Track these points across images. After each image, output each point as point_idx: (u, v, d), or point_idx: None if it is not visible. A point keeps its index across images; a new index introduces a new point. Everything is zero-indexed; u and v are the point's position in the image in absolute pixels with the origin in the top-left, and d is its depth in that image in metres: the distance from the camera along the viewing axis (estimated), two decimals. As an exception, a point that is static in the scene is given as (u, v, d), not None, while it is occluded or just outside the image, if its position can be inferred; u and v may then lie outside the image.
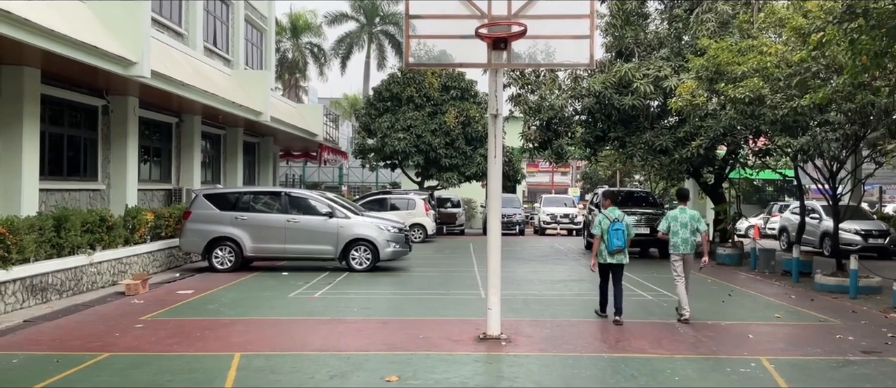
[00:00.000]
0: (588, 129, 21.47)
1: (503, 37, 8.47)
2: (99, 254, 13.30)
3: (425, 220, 27.02)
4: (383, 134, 30.26)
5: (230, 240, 16.26)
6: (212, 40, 22.78)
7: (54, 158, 14.47)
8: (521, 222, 34.01)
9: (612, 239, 10.57)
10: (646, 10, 21.42)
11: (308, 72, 50.77)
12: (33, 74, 12.78)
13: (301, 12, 48.76)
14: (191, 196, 18.07)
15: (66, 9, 11.88)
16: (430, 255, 21.48)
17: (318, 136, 29.65)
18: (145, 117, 17.89)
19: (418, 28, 9.26)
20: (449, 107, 30.52)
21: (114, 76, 13.45)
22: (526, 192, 50.52)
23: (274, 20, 30.59)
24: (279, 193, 17.36)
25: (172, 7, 19.84)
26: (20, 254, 10.87)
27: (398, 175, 39.83)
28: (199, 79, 17.27)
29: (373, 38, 48.28)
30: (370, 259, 16.42)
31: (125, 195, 16.32)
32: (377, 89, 31.94)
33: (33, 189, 12.83)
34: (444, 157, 30.40)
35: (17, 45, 10.67)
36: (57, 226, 12.08)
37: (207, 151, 23.22)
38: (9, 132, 12.44)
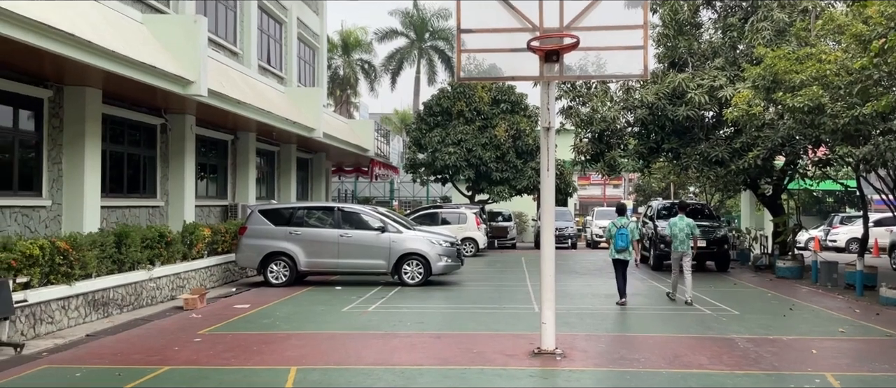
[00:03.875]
0: (641, 140, 21.20)
1: (555, 49, 8.43)
2: (158, 269, 13.60)
3: (477, 234, 26.96)
4: (434, 148, 30.36)
5: (285, 255, 16.47)
6: (266, 59, 23.21)
7: (115, 175, 14.86)
8: (574, 236, 33.71)
9: (617, 241, 13.87)
10: (699, 19, 21.11)
11: (359, 88, 51.33)
12: (95, 95, 13.17)
13: (352, 30, 49.37)
14: (246, 212, 18.37)
15: (126, 30, 12.23)
16: (482, 269, 21.41)
17: (370, 151, 29.91)
18: (202, 135, 18.28)
19: (468, 42, 9.27)
20: (499, 120, 30.48)
21: (172, 95, 13.78)
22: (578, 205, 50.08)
23: (326, 38, 31.04)
24: (332, 208, 17.54)
25: (228, 27, 20.29)
26: (83, 270, 11.18)
27: (449, 189, 39.89)
28: (254, 96, 17.58)
29: (422, 53, 48.59)
30: (422, 273, 16.44)
31: (183, 211, 16.67)
32: (427, 104, 32.09)
33: (95, 206, 13.19)
34: (495, 170, 30.34)
35: (79, 67, 11.01)
36: (118, 242, 12.40)
37: (262, 168, 23.61)
38: (72, 151, 12.83)
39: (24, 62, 11.07)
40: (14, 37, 8.92)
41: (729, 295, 15.40)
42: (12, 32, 8.86)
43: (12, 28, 8.82)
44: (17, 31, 8.92)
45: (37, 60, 10.79)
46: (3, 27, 8.67)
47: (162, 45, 13.25)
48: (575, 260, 25.09)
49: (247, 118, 17.58)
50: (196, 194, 17.76)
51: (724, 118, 17.32)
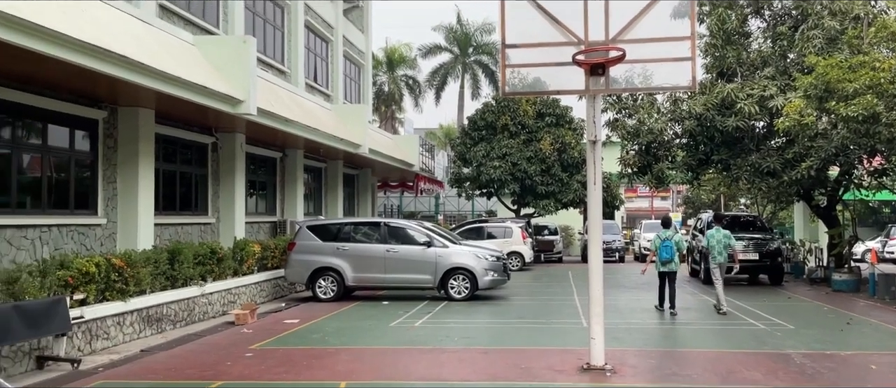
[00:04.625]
0: (690, 152, 20.89)
1: (601, 63, 8.38)
2: (210, 285, 13.84)
3: (523, 248, 26.84)
4: (479, 163, 30.37)
5: (332, 270, 16.62)
6: (313, 76, 23.55)
7: (168, 193, 15.19)
8: (621, 249, 33.34)
9: (662, 253, 14.24)
10: (747, 28, 20.76)
11: (404, 103, 51.69)
12: (148, 115, 13.50)
13: (396, 46, 49.79)
14: (295, 228, 18.61)
15: (178, 51, 12.54)
16: (529, 283, 21.29)
17: (415, 166, 30.06)
18: (251, 153, 18.59)
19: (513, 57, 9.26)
20: (544, 134, 30.36)
21: (222, 114, 14.05)
22: (625, 218, 49.51)
23: (371, 55, 31.37)
24: (378, 223, 17.67)
25: (276, 46, 20.66)
26: (137, 286, 11.44)
27: (494, 203, 39.82)
28: (302, 114, 17.83)
29: (466, 68, 48.73)
30: (469, 288, 16.41)
31: (233, 228, 16.95)
32: (472, 118, 32.14)
33: (149, 224, 13.49)
34: (540, 184, 30.21)
35: (133, 88, 11.30)
36: (171, 259, 12.66)
37: (309, 184, 23.90)
38: (126, 170, 13.17)
39: (80, 84, 11.41)
40: (72, 60, 9.21)
41: (783, 309, 15.03)
42: (70, 56, 9.14)
43: (70, 52, 9.11)
44: (75, 55, 9.21)
45: (92, 83, 11.12)
46: (62, 51, 8.96)
47: (212, 66, 13.54)
48: (623, 274, 24.79)
49: (295, 136, 17.84)
50: (246, 210, 18.04)
51: (776, 128, 16.98)
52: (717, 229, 14.91)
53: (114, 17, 10.92)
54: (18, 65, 9.65)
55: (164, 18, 13.97)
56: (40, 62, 9.12)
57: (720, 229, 14.96)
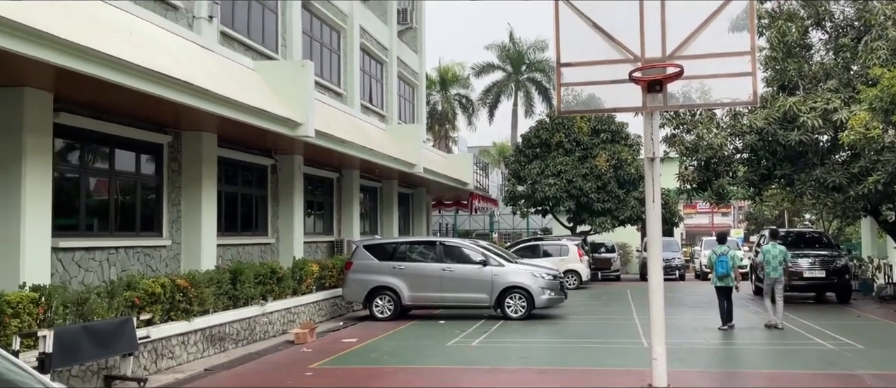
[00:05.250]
0: (751, 167, 20.44)
1: (659, 79, 8.28)
2: (270, 305, 14.07)
3: (579, 266, 26.55)
4: (533, 180, 30.24)
5: (389, 289, 16.72)
6: (368, 98, 23.85)
7: (229, 214, 15.53)
8: (681, 267, 32.71)
9: (718, 268, 14.52)
10: (808, 40, 20.27)
11: (457, 122, 51.88)
12: (211, 139, 13.85)
13: (449, 66, 50.07)
14: (351, 247, 18.81)
15: (239, 76, 12.85)
16: (586, 302, 21.06)
17: (469, 184, 30.11)
18: (309, 173, 18.88)
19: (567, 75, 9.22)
20: (599, 150, 30.10)
21: (281, 137, 14.32)
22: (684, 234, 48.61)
23: (424, 75, 31.62)
24: (434, 242, 17.74)
25: (332, 69, 21.01)
26: (201, 306, 11.70)
27: (549, 221, 39.54)
28: (358, 135, 18.06)
29: (519, 85, 48.69)
30: (525, 307, 16.31)
31: (292, 248, 17.22)
32: (526, 136, 32.07)
33: (212, 245, 13.80)
34: (597, 201, 29.90)
35: (196, 113, 11.61)
36: (233, 279, 12.92)
37: (365, 204, 24.15)
38: (190, 193, 13.52)
39: (146, 110, 11.76)
40: (139, 88, 9.51)
41: (852, 328, 14.53)
42: (138, 84, 9.45)
43: (138, 80, 9.42)
44: (142, 83, 9.52)
45: (157, 108, 11.45)
46: (131, 79, 9.26)
47: (272, 90, 13.83)
48: (683, 292, 24.32)
49: (351, 156, 18.07)
50: (304, 230, 18.31)
51: (840, 142, 16.51)
52: (772, 245, 14.98)
53: (178, 44, 11.26)
54: (88, 93, 10.03)
55: (225, 45, 14.35)
56: (109, 90, 9.44)
57: (776, 245, 15.01)
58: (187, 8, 13.49)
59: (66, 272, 10.55)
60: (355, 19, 22.13)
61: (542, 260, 22.88)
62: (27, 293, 8.48)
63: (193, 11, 13.61)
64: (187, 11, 13.49)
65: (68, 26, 8.11)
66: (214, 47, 13.09)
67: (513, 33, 48.86)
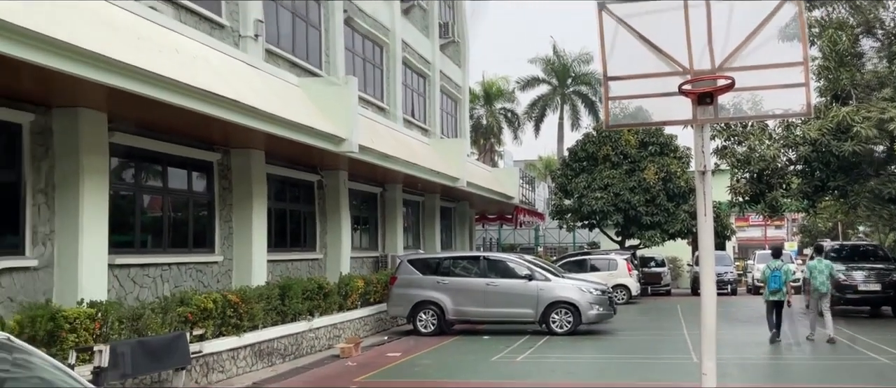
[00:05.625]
0: (805, 179, 19.97)
1: (709, 92, 8.14)
2: (317, 320, 14.17)
3: (628, 280, 26.17)
4: (580, 194, 29.99)
5: (433, 304, 16.71)
6: (410, 112, 23.98)
7: (279, 230, 15.70)
8: (733, 281, 32.03)
9: (771, 282, 14.45)
10: (860, 48, 19.76)
11: (502, 136, 51.80)
12: (259, 156, 14.06)
13: (493, 79, 50.06)
14: (396, 262, 18.87)
15: (285, 94, 13.03)
16: (635, 317, 20.75)
17: (514, 198, 29.98)
18: (354, 189, 19.02)
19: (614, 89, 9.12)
20: (648, 163, 29.71)
21: (327, 153, 14.45)
22: (736, 248, 47.68)
23: (468, 89, 31.68)
24: (478, 257, 17.70)
25: (375, 84, 21.18)
26: (251, 321, 11.84)
27: (596, 235, 39.16)
28: (401, 150, 18.14)
29: (565, 99, 48.45)
30: (571, 322, 16.13)
31: (339, 263, 17.33)
32: (572, 149, 31.86)
33: (262, 261, 13.97)
34: (645, 215, 29.50)
35: (244, 131, 11.79)
36: (282, 294, 13.06)
37: (408, 218, 24.21)
38: (240, 209, 13.72)
39: (195, 129, 12.00)
40: (189, 106, 9.70)
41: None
42: (188, 103, 9.64)
43: (188, 99, 9.61)
44: (191, 102, 9.70)
45: (207, 126, 11.67)
46: (181, 99, 9.46)
47: (316, 106, 13.97)
48: (736, 307, 23.82)
49: (394, 171, 18.15)
50: (351, 245, 18.42)
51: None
52: (818, 260, 15.15)
53: (225, 62, 11.47)
54: (140, 112, 10.27)
55: (270, 62, 14.57)
56: (160, 109, 9.65)
57: (822, 260, 15.19)
58: (233, 27, 13.75)
59: (121, 288, 10.78)
60: (397, 34, 22.30)
61: (590, 275, 22.63)
62: (84, 309, 8.68)
63: (239, 30, 13.87)
64: (233, 30, 13.76)
65: (119, 47, 8.32)
66: (260, 65, 13.29)
67: (557, 47, 48.49)
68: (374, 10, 20.87)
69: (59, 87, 8.63)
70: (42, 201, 9.48)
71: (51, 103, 9.45)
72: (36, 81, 8.23)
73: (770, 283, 14.60)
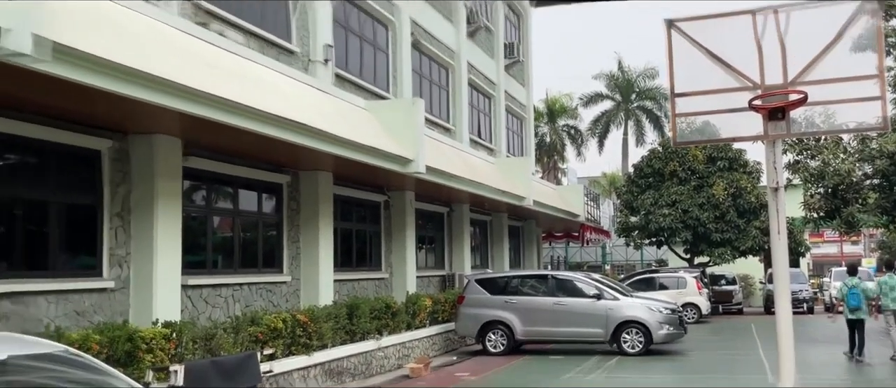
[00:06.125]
0: (883, 193, 19.22)
1: (781, 106, 7.95)
2: (386, 339, 14.27)
3: (698, 299, 25.57)
4: (647, 211, 29.52)
5: (502, 323, 16.65)
6: (476, 132, 24.05)
7: (345, 250, 15.91)
8: (809, 299, 30.93)
9: (850, 300, 14.20)
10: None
11: (566, 153, 51.44)
12: (327, 178, 14.30)
13: (557, 97, 49.83)
14: (463, 281, 18.89)
15: (352, 116, 13.24)
16: (707, 337, 20.23)
17: (580, 216, 29.68)
18: (420, 208, 19.14)
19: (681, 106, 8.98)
20: (716, 179, 29.05)
21: (393, 173, 14.61)
22: (811, 265, 46.08)
23: (532, 107, 31.62)
24: (546, 276, 17.58)
25: (441, 105, 21.35)
26: (320, 340, 12.00)
27: (664, 252, 38.42)
28: (467, 170, 18.19)
29: (629, 114, 47.88)
30: (642, 342, 15.84)
31: (406, 282, 17.44)
32: (637, 166, 31.42)
33: (329, 281, 14.16)
34: (715, 231, 28.82)
35: (314, 153, 12.02)
36: (350, 314, 13.21)
37: (475, 237, 24.22)
38: (308, 230, 13.96)
39: (266, 152, 12.28)
40: (261, 131, 9.93)
41: None
42: (260, 127, 9.87)
43: (260, 124, 9.86)
44: (263, 126, 9.93)
45: (277, 150, 11.92)
46: (254, 124, 9.70)
47: (383, 128, 14.15)
48: (812, 326, 22.97)
49: (460, 190, 18.20)
50: (417, 265, 18.52)
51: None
52: (890, 276, 14.75)
53: (295, 88, 11.73)
54: (213, 137, 10.58)
55: (339, 86, 14.85)
56: (232, 133, 9.92)
57: (894, 275, 14.70)
58: (303, 52, 14.07)
59: (194, 309, 11.07)
60: (463, 56, 22.46)
61: (659, 293, 22.21)
62: (160, 329, 8.94)
63: (309, 55, 14.19)
64: (303, 55, 14.08)
65: (195, 75, 8.60)
66: (329, 89, 13.54)
67: (621, 62, 48.09)
68: (441, 33, 21.10)
69: (137, 114, 8.96)
70: (118, 225, 9.82)
71: (128, 130, 9.82)
72: (115, 109, 8.56)
73: (848, 301, 14.32)
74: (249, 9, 12.70)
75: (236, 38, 11.92)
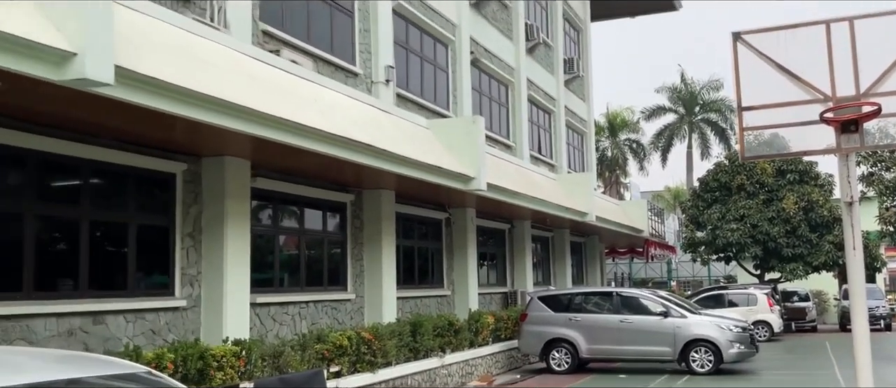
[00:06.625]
0: (964, 205, 18.44)
1: (853, 119, 7.72)
2: (449, 356, 14.29)
3: (770, 316, 24.83)
4: (714, 226, 28.87)
5: (566, 341, 16.48)
6: (536, 148, 23.99)
7: (407, 268, 16.03)
8: (887, 316, 29.70)
9: None
10: None
11: (628, 167, 50.84)
12: (389, 196, 14.46)
13: (618, 111, 49.36)
14: (526, 299, 18.79)
15: (414, 135, 13.37)
16: (780, 355, 19.63)
17: (644, 231, 29.25)
18: (481, 225, 19.15)
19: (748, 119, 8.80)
20: (786, 192, 28.22)
21: (454, 191, 14.67)
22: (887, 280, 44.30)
23: (593, 122, 31.37)
24: (610, 293, 17.38)
25: (501, 122, 21.39)
26: (384, 358, 12.09)
27: (733, 268, 37.51)
28: (527, 186, 18.14)
29: (693, 127, 47.06)
30: (712, 361, 15.47)
31: (468, 300, 17.46)
32: (703, 180, 30.81)
33: (392, 298, 14.30)
34: (786, 246, 27.96)
35: (377, 173, 12.19)
36: (413, 331, 13.28)
37: (537, 254, 24.09)
38: (371, 248, 14.13)
39: (330, 172, 12.51)
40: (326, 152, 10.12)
41: None
42: (324, 148, 10.07)
43: (325, 145, 10.05)
44: (328, 147, 10.12)
45: (341, 169, 12.13)
46: (319, 145, 9.90)
47: (444, 146, 14.25)
48: (890, 343, 22.10)
49: (521, 207, 18.16)
50: (478, 282, 18.52)
51: None
52: None
53: (358, 108, 11.92)
54: (280, 158, 10.83)
55: (400, 105, 15.03)
56: (299, 154, 10.15)
57: None
58: (366, 74, 14.32)
59: (262, 326, 11.31)
60: (522, 72, 22.48)
61: (727, 310, 21.71)
62: (230, 347, 9.16)
63: (372, 76, 14.43)
64: (366, 77, 14.33)
65: (264, 100, 8.84)
66: (391, 109, 13.72)
67: (684, 74, 47.30)
68: (500, 51, 21.19)
69: (210, 138, 9.25)
70: (190, 245, 10.13)
71: (201, 153, 10.15)
72: (189, 133, 8.88)
73: None
74: (316, 34, 13.05)
75: (305, 63, 12.22)
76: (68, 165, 8.65)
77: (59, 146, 8.30)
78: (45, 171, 8.50)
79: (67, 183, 8.97)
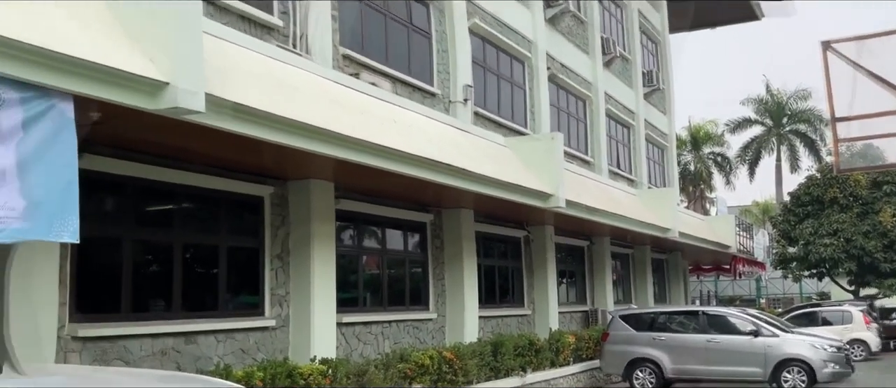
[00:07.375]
0: None
1: (956, 128, 7.36)
2: (530, 376, 14.16)
3: (866, 335, 23.68)
4: (806, 241, 27.85)
5: (650, 361, 16.09)
6: (615, 163, 23.65)
7: (488, 287, 16.00)
8: None
9: None
10: None
11: (713, 182, 49.51)
12: (468, 215, 14.50)
13: (701, 124, 48.24)
14: (606, 317, 18.48)
15: (492, 153, 13.38)
16: (879, 376, 18.68)
17: (730, 247, 28.35)
18: (559, 242, 18.95)
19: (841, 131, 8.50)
20: (883, 205, 26.99)
21: (533, 209, 14.59)
22: None
23: (674, 136, 30.74)
24: (696, 312, 16.94)
25: (579, 138, 21.20)
26: (465, 377, 12.08)
27: (826, 284, 35.98)
28: (607, 202, 17.88)
29: (782, 139, 45.54)
30: (805, 382, 14.84)
31: (548, 318, 17.28)
32: (794, 194, 29.79)
33: (474, 318, 14.29)
34: (883, 261, 26.71)
35: (456, 192, 12.21)
36: (494, 350, 13.24)
37: (617, 271, 23.67)
38: (452, 267, 14.18)
39: (411, 192, 12.63)
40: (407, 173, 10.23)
41: None
42: (405, 169, 10.19)
43: (406, 165, 10.17)
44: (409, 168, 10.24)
45: (421, 189, 12.24)
46: (400, 166, 10.02)
47: (523, 164, 14.20)
48: None
49: (601, 224, 17.90)
50: (558, 300, 18.33)
51: None
52: None
53: (437, 129, 12.03)
54: (362, 180, 11.02)
55: (478, 124, 15.09)
56: (380, 176, 10.30)
57: None
58: (444, 93, 14.47)
59: (347, 345, 11.49)
60: (600, 87, 22.26)
61: (821, 329, 20.81)
62: (317, 366, 9.33)
63: (449, 96, 14.57)
64: (444, 97, 14.47)
65: (346, 123, 9.04)
66: (469, 128, 13.80)
67: (770, 85, 45.93)
68: (577, 66, 21.07)
69: (296, 161, 9.50)
70: (278, 266, 10.41)
71: (287, 177, 10.44)
72: (276, 157, 9.14)
73: None
74: (395, 56, 13.28)
75: (383, 85, 12.44)
76: (162, 191, 9.02)
77: (154, 172, 8.66)
78: (140, 196, 8.89)
79: (161, 208, 9.36)
